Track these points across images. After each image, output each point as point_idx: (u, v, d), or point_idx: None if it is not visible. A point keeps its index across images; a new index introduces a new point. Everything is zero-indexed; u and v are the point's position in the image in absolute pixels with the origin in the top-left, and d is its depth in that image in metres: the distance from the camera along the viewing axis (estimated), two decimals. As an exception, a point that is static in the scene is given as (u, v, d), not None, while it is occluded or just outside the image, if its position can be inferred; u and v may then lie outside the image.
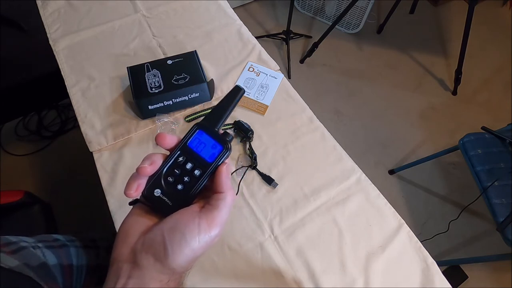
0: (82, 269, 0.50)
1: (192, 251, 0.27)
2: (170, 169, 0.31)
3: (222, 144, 0.32)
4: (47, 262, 0.43)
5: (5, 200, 0.93)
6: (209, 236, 0.28)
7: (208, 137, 0.32)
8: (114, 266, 0.28)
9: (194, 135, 0.32)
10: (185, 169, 0.31)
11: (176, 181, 0.31)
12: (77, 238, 0.54)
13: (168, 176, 0.31)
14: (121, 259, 0.28)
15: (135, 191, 0.29)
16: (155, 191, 0.31)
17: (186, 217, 0.28)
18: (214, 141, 0.32)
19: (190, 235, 0.27)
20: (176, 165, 0.31)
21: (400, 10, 1.88)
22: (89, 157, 0.71)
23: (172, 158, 0.31)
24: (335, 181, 0.67)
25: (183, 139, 0.32)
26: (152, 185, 0.31)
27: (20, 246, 0.41)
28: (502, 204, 1.00)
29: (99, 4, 0.95)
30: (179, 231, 0.27)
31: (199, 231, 0.27)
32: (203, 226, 0.28)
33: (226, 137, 0.33)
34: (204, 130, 0.32)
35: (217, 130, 0.33)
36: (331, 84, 1.81)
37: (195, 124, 0.33)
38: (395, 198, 1.46)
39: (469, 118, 1.69)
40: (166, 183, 0.31)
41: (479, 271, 1.28)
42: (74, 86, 0.80)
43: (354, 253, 0.60)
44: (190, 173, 0.31)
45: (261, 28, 2.03)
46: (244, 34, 0.90)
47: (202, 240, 0.27)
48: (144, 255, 0.27)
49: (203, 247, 0.28)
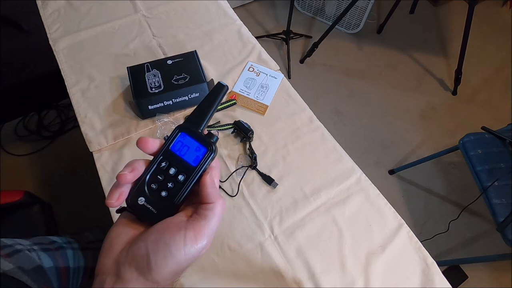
0: (79, 271, 0.50)
1: (177, 263, 0.26)
2: (153, 175, 0.30)
3: (206, 146, 0.30)
4: (42, 265, 0.42)
5: (5, 200, 0.93)
6: (195, 248, 0.26)
7: (191, 140, 0.30)
8: (97, 279, 0.27)
9: (177, 138, 0.30)
10: (169, 174, 0.30)
11: (159, 188, 0.30)
12: (75, 239, 0.54)
13: (151, 183, 0.30)
14: (105, 272, 0.27)
15: (117, 200, 0.28)
16: (139, 199, 0.29)
17: (171, 228, 0.27)
18: (197, 143, 0.30)
19: (176, 247, 0.26)
20: (159, 170, 0.30)
21: (400, 10, 1.88)
22: (89, 157, 0.71)
23: (155, 164, 0.30)
24: (335, 181, 0.67)
25: (166, 142, 0.30)
26: (136, 193, 0.29)
27: (15, 249, 0.41)
28: (502, 204, 1.00)
29: (99, 4, 0.95)
30: (163, 243, 0.26)
31: (185, 242, 0.26)
32: (189, 237, 0.26)
33: (211, 138, 0.31)
34: (187, 132, 0.31)
35: (200, 131, 0.31)
36: (331, 84, 1.81)
37: (177, 126, 0.31)
38: (395, 198, 1.46)
39: (469, 118, 1.69)
40: (150, 191, 0.29)
41: (479, 271, 1.28)
42: (74, 86, 0.80)
43: (354, 253, 0.60)
44: (174, 179, 0.30)
45: (261, 28, 2.02)
46: (244, 34, 0.90)
47: (188, 253, 0.26)
48: (128, 267, 0.26)
49: (189, 259, 0.26)
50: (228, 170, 0.69)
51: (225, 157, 0.70)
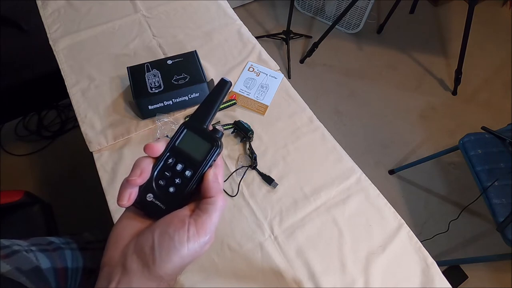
0: (77, 272, 0.50)
1: (180, 258, 0.26)
2: (161, 172, 0.30)
3: (211, 142, 0.31)
4: (40, 266, 0.42)
5: (5, 200, 0.93)
6: (198, 243, 0.27)
7: (196, 136, 0.31)
8: (104, 270, 0.27)
9: (182, 134, 0.31)
10: (176, 170, 0.30)
11: (167, 184, 0.30)
12: (73, 240, 0.54)
13: (159, 179, 0.30)
14: (111, 263, 0.27)
15: (128, 200, 0.29)
16: (147, 195, 0.30)
17: (176, 222, 0.28)
18: (202, 139, 0.31)
19: (179, 241, 0.26)
20: (166, 167, 0.31)
21: (400, 10, 1.88)
22: (89, 157, 0.71)
23: (162, 161, 0.31)
24: (335, 181, 0.67)
25: (171, 140, 0.31)
26: (144, 190, 0.30)
27: (13, 250, 0.41)
28: (502, 204, 1.00)
29: (99, 4, 0.95)
30: (168, 236, 0.27)
31: (188, 237, 0.27)
32: (191, 232, 0.27)
33: (216, 134, 0.31)
34: (192, 128, 0.31)
35: (205, 127, 0.32)
36: (331, 84, 1.81)
37: (182, 123, 0.32)
38: (395, 198, 1.46)
39: (469, 118, 1.69)
40: (158, 187, 0.30)
41: (479, 271, 1.28)
42: (74, 86, 0.80)
43: (354, 253, 0.60)
44: (181, 175, 0.30)
45: (261, 28, 2.02)
46: (244, 34, 0.90)
47: (192, 248, 0.27)
48: (135, 258, 0.27)
49: (192, 254, 0.27)
50: (228, 170, 0.69)
51: (225, 157, 0.70)
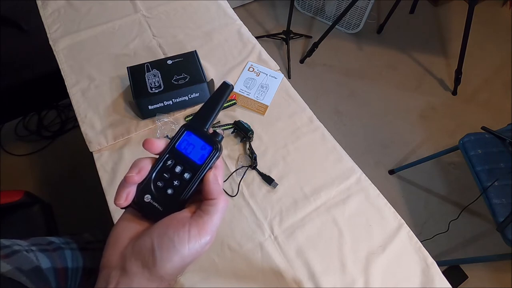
0: (77, 272, 0.50)
1: (181, 258, 0.27)
2: (159, 173, 0.30)
3: (211, 145, 0.31)
4: (40, 266, 0.42)
5: (5, 200, 0.93)
6: (199, 244, 0.27)
7: (196, 138, 0.31)
8: (103, 272, 0.27)
9: (182, 136, 0.31)
10: (175, 172, 0.30)
11: (165, 186, 0.30)
12: (73, 240, 0.54)
13: (157, 181, 0.30)
14: (110, 265, 0.27)
15: (125, 200, 0.29)
16: (145, 196, 0.30)
17: (175, 223, 0.28)
18: (203, 142, 0.31)
19: (180, 242, 0.26)
20: (165, 169, 0.30)
21: (400, 10, 1.88)
22: (89, 157, 0.71)
23: (160, 162, 0.30)
24: (335, 181, 0.67)
25: (171, 141, 0.31)
26: (142, 191, 0.30)
27: (13, 250, 0.41)
28: (502, 204, 1.00)
29: (99, 4, 0.95)
30: (168, 238, 0.27)
31: (189, 238, 0.27)
32: (193, 233, 0.27)
33: (216, 137, 0.31)
34: (192, 131, 0.31)
35: (206, 130, 0.31)
36: (331, 84, 1.81)
37: (182, 125, 0.32)
38: (395, 198, 1.46)
39: (469, 118, 1.69)
40: (156, 188, 0.30)
41: (479, 271, 1.28)
42: (74, 86, 0.80)
43: (354, 253, 0.60)
44: (179, 177, 0.30)
45: (261, 28, 2.02)
46: (244, 34, 0.90)
47: (192, 248, 0.27)
48: (133, 261, 0.27)
49: (193, 254, 0.27)
50: (228, 170, 0.69)
51: (225, 157, 0.70)
